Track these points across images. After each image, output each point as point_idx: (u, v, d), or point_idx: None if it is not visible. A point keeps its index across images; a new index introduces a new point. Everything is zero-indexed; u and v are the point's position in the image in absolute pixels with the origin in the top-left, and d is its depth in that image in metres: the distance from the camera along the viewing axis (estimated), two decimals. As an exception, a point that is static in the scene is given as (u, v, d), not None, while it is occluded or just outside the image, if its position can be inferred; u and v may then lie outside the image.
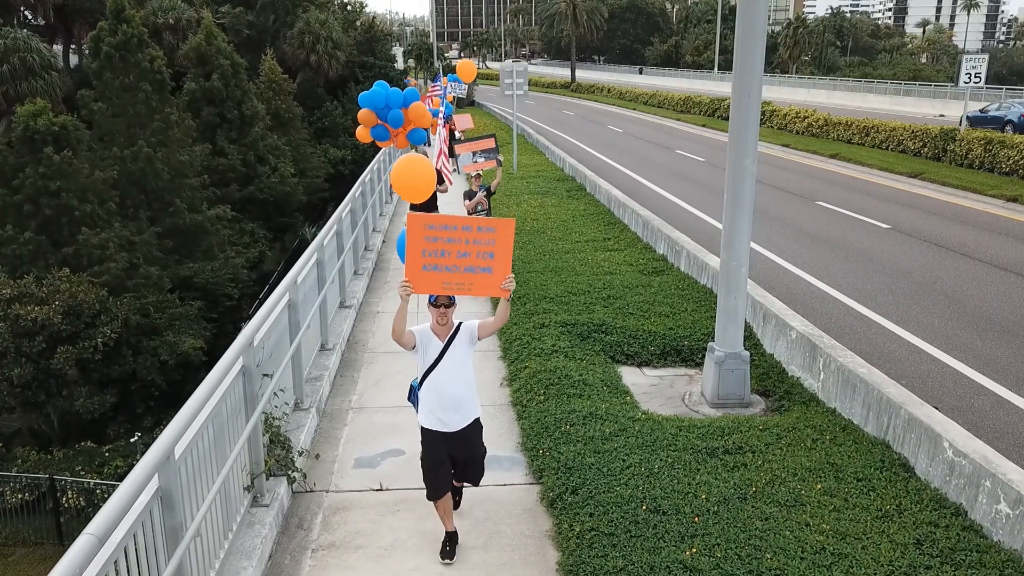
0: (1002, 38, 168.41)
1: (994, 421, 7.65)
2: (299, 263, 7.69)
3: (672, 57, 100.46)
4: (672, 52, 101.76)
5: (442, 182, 11.99)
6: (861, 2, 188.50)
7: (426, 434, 5.09)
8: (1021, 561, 4.83)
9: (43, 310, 17.51)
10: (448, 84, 30.61)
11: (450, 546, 5.21)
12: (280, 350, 6.65)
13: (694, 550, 4.93)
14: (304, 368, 7.41)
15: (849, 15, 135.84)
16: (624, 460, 6.04)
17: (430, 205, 11.91)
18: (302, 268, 7.60)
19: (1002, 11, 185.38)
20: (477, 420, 5.16)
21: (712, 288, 10.58)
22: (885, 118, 32.20)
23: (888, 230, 16.40)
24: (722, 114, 40.19)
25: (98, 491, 15.13)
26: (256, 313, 6.04)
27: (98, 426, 18.95)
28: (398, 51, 71.88)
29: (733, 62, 7.27)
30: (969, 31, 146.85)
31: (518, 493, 6.04)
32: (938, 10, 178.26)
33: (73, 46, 43.37)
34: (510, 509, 5.79)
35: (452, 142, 18.21)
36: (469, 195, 12.56)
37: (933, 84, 52.18)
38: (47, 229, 20.89)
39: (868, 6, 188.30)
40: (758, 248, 13.95)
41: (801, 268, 13.31)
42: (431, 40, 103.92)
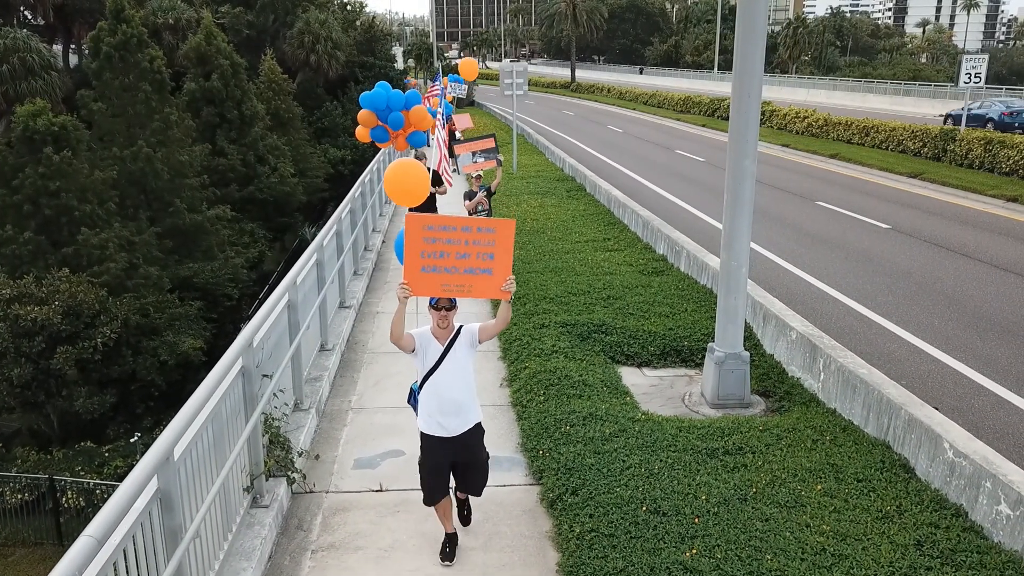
0: (1002, 38, 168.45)
1: (994, 422, 7.65)
2: (299, 263, 7.68)
3: (672, 57, 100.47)
4: (672, 52, 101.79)
5: (441, 183, 11.95)
6: (861, 2, 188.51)
7: (425, 439, 5.03)
8: (1022, 562, 4.82)
9: (43, 310, 17.49)
10: (448, 84, 30.60)
11: (450, 547, 5.20)
12: (280, 351, 6.65)
13: (694, 551, 4.92)
14: (304, 369, 7.40)
15: (849, 15, 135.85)
16: (624, 461, 6.03)
17: (429, 206, 11.87)
18: (302, 268, 7.59)
19: (1002, 11, 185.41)
20: (478, 425, 5.08)
21: (712, 288, 10.58)
22: (885, 118, 32.20)
23: (888, 230, 16.39)
24: (722, 114, 40.18)
25: (98, 491, 15.12)
26: (256, 313, 6.03)
27: (98, 426, 18.93)
28: (398, 51, 71.85)
29: (733, 62, 7.27)
30: (969, 31, 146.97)
31: (518, 494, 6.03)
32: (938, 10, 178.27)
33: (73, 46, 43.35)
34: (510, 510, 5.78)
35: (452, 142, 18.20)
36: (469, 195, 12.53)
37: (933, 84, 52.21)
38: (47, 229, 20.87)
39: (868, 6, 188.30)
40: (758, 248, 13.95)
41: (801, 268, 13.31)
42: (431, 40, 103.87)
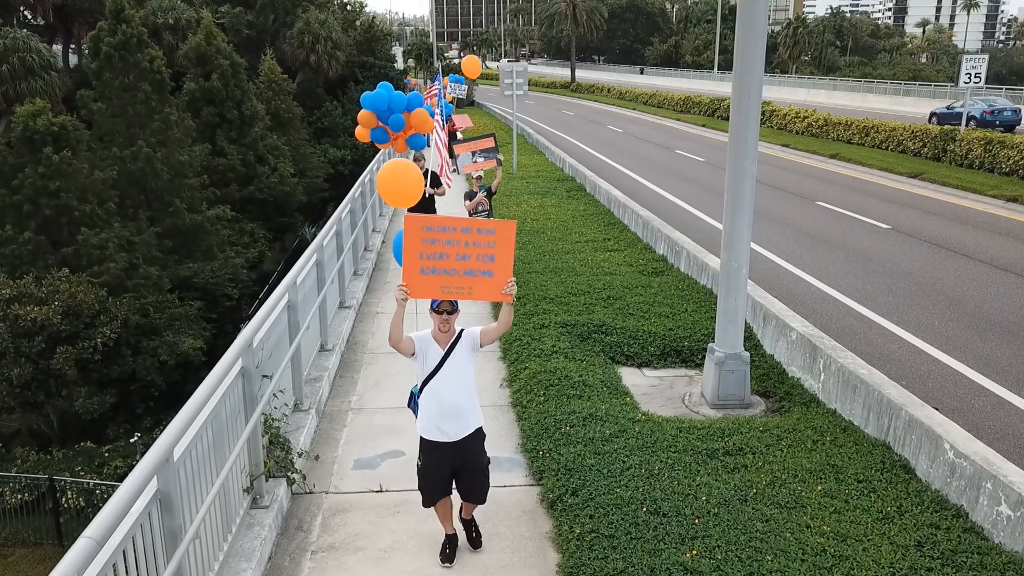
0: (1002, 38, 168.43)
1: (994, 422, 7.65)
2: (298, 264, 7.67)
3: (672, 57, 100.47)
4: (672, 52, 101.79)
5: (439, 185, 11.86)
6: (861, 2, 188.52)
7: (425, 444, 4.97)
8: (1022, 563, 4.82)
9: (42, 310, 17.49)
10: (449, 84, 30.60)
11: (450, 548, 5.19)
12: (279, 351, 6.64)
13: (694, 552, 4.92)
14: (303, 369, 7.40)
15: (849, 15, 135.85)
16: (624, 461, 6.03)
17: (428, 207, 11.71)
18: (301, 269, 7.59)
19: (1002, 11, 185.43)
20: (479, 430, 4.99)
21: (712, 289, 10.57)
22: (885, 118, 32.20)
23: (888, 230, 16.39)
24: (722, 114, 40.18)
25: (97, 491, 15.11)
26: (256, 314, 6.03)
27: (97, 426, 18.92)
28: (398, 51, 71.84)
29: (733, 62, 7.25)
30: (969, 31, 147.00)
31: (518, 495, 6.03)
32: (938, 10, 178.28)
33: (73, 46, 43.34)
34: (510, 511, 5.77)
35: (452, 142, 18.20)
36: (469, 196, 12.50)
37: (933, 84, 52.21)
38: (46, 229, 20.86)
39: (868, 6, 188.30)
40: (758, 248, 13.94)
41: (801, 268, 13.30)
42: (431, 40, 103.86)
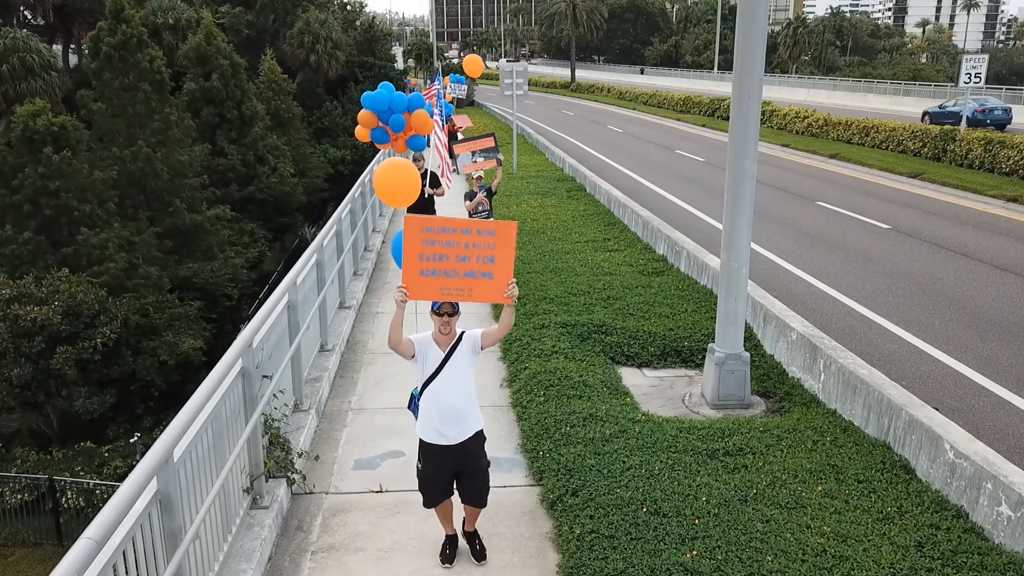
0: (1002, 38, 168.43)
1: (995, 422, 7.64)
2: (299, 264, 7.67)
3: (672, 57, 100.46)
4: (672, 52, 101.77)
5: (438, 185, 11.81)
6: (861, 2, 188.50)
7: (424, 447, 4.94)
8: (1023, 564, 4.82)
9: (42, 310, 17.49)
10: (449, 84, 30.59)
11: (450, 549, 5.18)
12: (279, 351, 6.63)
13: (695, 552, 4.92)
14: (303, 369, 7.39)
15: (849, 15, 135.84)
16: (624, 462, 6.02)
17: (427, 207, 11.65)
18: (301, 269, 7.58)
19: (1002, 11, 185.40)
20: (479, 433, 4.96)
21: (712, 289, 10.57)
22: (885, 118, 32.20)
23: (888, 230, 16.38)
24: (722, 114, 40.18)
25: (97, 492, 15.11)
26: (256, 314, 6.02)
27: (97, 426, 18.93)
28: (398, 51, 71.84)
29: (733, 62, 7.25)
30: (969, 31, 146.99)
31: (518, 495, 6.02)
32: (938, 10, 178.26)
33: (73, 46, 43.35)
34: (510, 511, 5.77)
35: (452, 142, 18.19)
36: (469, 196, 12.48)
37: (933, 84, 52.21)
38: (46, 229, 20.87)
39: (868, 6, 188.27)
40: (758, 249, 13.94)
41: (801, 269, 13.30)
42: (431, 40, 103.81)
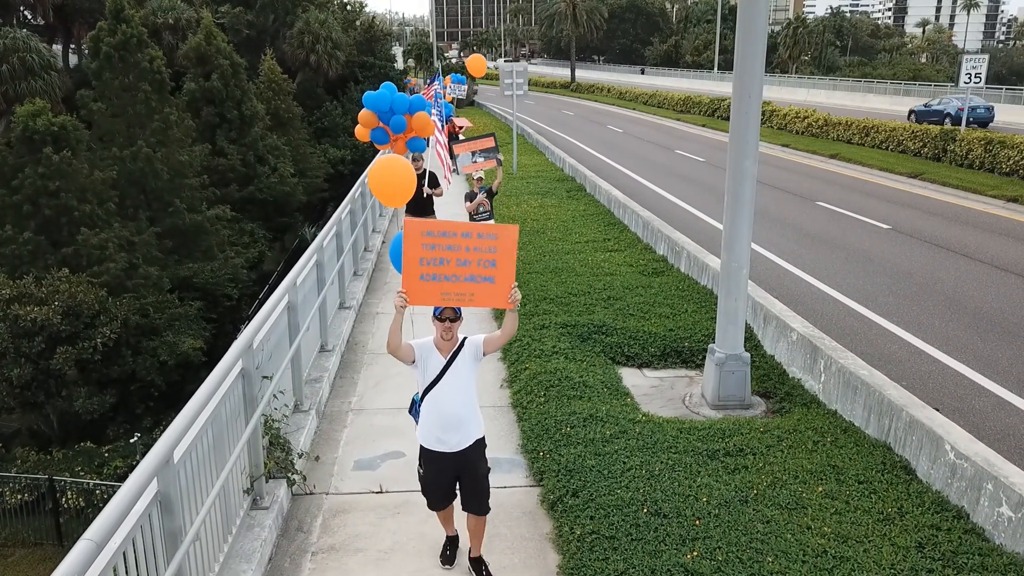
0: (1002, 38, 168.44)
1: (995, 423, 7.64)
2: (299, 264, 7.67)
3: (672, 57, 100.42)
4: (672, 52, 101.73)
5: (437, 185, 11.79)
6: (861, 2, 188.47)
7: (425, 453, 4.89)
8: (1023, 565, 4.81)
9: (42, 310, 17.49)
10: (450, 84, 30.57)
11: (450, 550, 5.18)
12: (280, 352, 6.63)
13: (695, 553, 4.91)
14: (304, 370, 7.39)
15: (849, 15, 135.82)
16: (625, 462, 6.02)
17: (426, 207, 11.59)
18: (302, 269, 7.58)
19: (1002, 11, 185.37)
20: (480, 440, 4.87)
21: (712, 289, 10.56)
22: (885, 118, 32.20)
23: (888, 231, 16.38)
24: (722, 114, 40.17)
25: (97, 492, 15.11)
26: (256, 315, 6.02)
27: (97, 426, 18.93)
28: (398, 51, 71.85)
29: (733, 62, 7.25)
30: (969, 31, 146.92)
31: (518, 496, 6.02)
32: (938, 10, 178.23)
33: (73, 46, 43.33)
34: (510, 512, 5.76)
35: (452, 142, 18.18)
36: (470, 196, 12.42)
37: (933, 84, 52.23)
38: (46, 229, 20.87)
39: (868, 6, 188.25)
40: (758, 249, 13.93)
41: (801, 269, 13.29)
42: (431, 40, 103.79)
